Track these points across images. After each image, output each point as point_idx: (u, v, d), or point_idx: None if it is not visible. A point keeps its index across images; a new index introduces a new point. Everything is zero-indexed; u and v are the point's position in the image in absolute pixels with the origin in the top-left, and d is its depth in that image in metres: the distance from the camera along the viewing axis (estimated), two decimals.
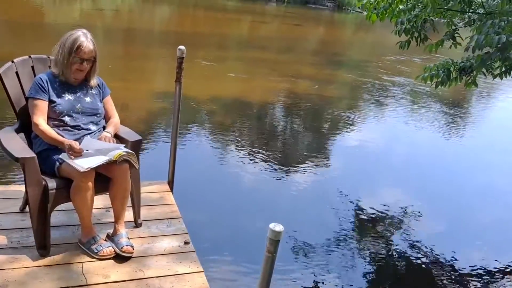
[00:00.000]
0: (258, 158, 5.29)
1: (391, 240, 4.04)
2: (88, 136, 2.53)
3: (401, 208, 4.68)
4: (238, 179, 4.72)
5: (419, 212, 4.65)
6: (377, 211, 4.49)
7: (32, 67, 2.70)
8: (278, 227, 1.57)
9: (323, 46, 16.63)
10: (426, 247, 3.99)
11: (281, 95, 8.48)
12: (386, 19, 4.28)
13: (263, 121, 6.97)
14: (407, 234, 4.16)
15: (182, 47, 3.01)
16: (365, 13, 4.30)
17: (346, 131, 6.85)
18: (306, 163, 5.41)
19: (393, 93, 9.79)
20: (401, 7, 4.05)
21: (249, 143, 5.79)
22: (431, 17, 4.12)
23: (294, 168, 5.23)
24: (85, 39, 2.49)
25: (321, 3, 34.93)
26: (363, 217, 4.38)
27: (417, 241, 4.06)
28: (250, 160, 5.22)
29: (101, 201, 2.84)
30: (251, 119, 6.95)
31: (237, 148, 5.52)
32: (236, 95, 7.94)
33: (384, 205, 4.63)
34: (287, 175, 5.00)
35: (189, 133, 5.68)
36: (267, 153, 5.52)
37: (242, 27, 18.20)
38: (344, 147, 6.30)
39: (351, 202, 4.62)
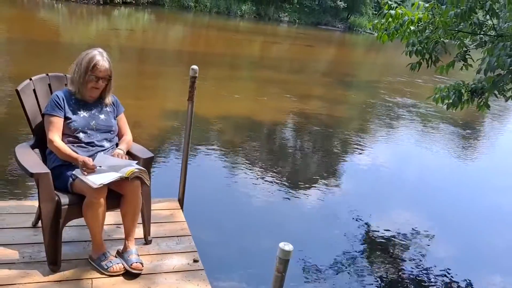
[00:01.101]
0: (268, 177, 5.29)
1: (402, 263, 3.98)
2: (102, 152, 2.57)
3: (413, 230, 4.62)
4: (247, 198, 4.71)
5: (431, 235, 4.58)
6: (388, 233, 4.44)
7: (49, 84, 2.76)
8: (287, 246, 1.57)
9: (334, 66, 16.74)
10: (439, 271, 3.92)
11: (291, 115, 8.52)
12: (397, 39, 4.31)
13: (273, 140, 6.99)
14: (418, 257, 4.10)
15: (195, 66, 3.06)
16: (375, 34, 4.33)
17: (357, 152, 6.84)
18: (316, 184, 5.39)
19: (405, 114, 9.78)
20: (412, 28, 4.08)
21: (258, 163, 5.80)
22: (442, 39, 4.14)
23: (304, 189, 5.22)
24: (101, 58, 2.55)
25: (332, 24, 35.30)
26: (373, 238, 4.33)
27: (429, 265, 4.00)
28: (260, 179, 5.22)
29: (112, 218, 2.86)
30: (261, 138, 6.97)
31: (247, 167, 5.53)
32: (247, 115, 7.99)
33: (395, 227, 4.58)
34: (296, 195, 4.99)
35: (199, 151, 5.72)
36: (277, 173, 5.53)
37: (254, 48, 18.42)
38: (354, 168, 6.27)
39: (361, 223, 4.58)
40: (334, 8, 35.41)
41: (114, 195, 2.47)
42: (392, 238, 4.36)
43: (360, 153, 6.79)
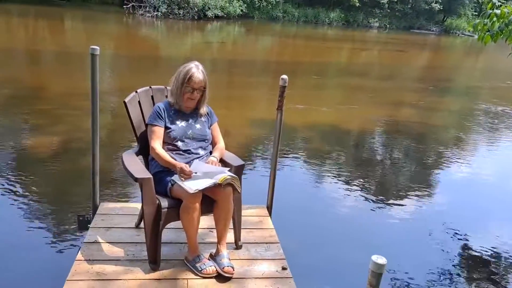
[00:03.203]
0: (356, 187, 5.17)
1: (507, 285, 3.63)
2: (197, 160, 2.73)
3: None
4: (335, 208, 4.65)
5: None
6: (490, 250, 4.09)
7: (152, 96, 3.01)
8: (381, 259, 1.53)
9: (428, 72, 15.88)
10: None
11: (381, 123, 8.24)
12: (501, 40, 3.98)
13: (361, 150, 6.82)
14: None
15: (284, 76, 3.11)
16: (476, 36, 4.04)
17: (453, 163, 6.40)
18: (407, 195, 5.15)
19: (508, 122, 8.94)
20: None
21: (346, 172, 5.70)
22: None
23: (394, 200, 5.01)
24: (196, 70, 2.72)
25: (426, 28, 33.58)
26: (472, 256, 4.01)
27: None
28: (348, 189, 5.12)
29: (205, 222, 3.01)
30: (349, 147, 6.84)
31: (334, 176, 5.46)
32: (334, 123, 7.90)
33: (498, 244, 4.20)
34: (386, 207, 4.80)
35: (286, 160, 5.77)
36: (366, 182, 5.38)
37: (342, 55, 18.18)
38: (450, 179, 5.88)
39: (458, 238, 4.27)
40: (429, 11, 33.67)
41: (208, 200, 2.60)
42: (494, 257, 4.00)
43: (457, 164, 6.35)
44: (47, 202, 4.14)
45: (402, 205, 4.89)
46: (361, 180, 5.43)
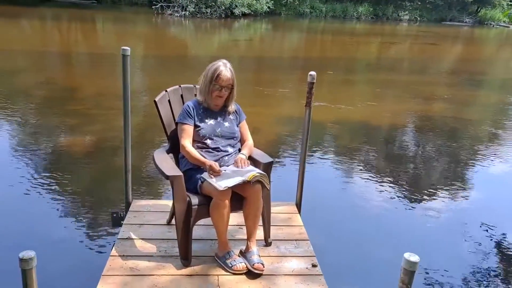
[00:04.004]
0: (387, 183, 5.09)
1: None
2: (226, 157, 2.75)
3: None
4: (365, 204, 4.59)
5: None
6: None
7: (181, 95, 3.05)
8: (413, 257, 1.50)
9: (461, 64, 15.41)
10: None
11: (412, 118, 8.06)
12: None
13: (391, 145, 6.70)
14: None
15: (313, 72, 3.10)
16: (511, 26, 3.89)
17: (488, 158, 6.20)
18: (440, 192, 5.02)
19: None
20: None
21: (376, 168, 5.61)
22: None
23: (427, 196, 4.90)
24: (224, 68, 2.74)
25: (459, 19, 32.58)
26: (509, 254, 3.88)
27: None
28: (378, 185, 5.05)
29: (235, 219, 3.03)
30: (379, 143, 6.73)
31: (364, 173, 5.39)
32: (363, 118, 7.79)
33: None
34: (418, 203, 4.70)
35: (315, 156, 5.74)
36: (397, 179, 5.28)
37: (371, 50, 17.88)
38: (486, 175, 5.69)
39: (494, 236, 4.14)
40: (461, 2, 32.64)
41: (238, 197, 2.62)
42: None
43: (492, 160, 6.14)
44: (82, 199, 4.27)
45: (435, 202, 4.77)
46: (392, 176, 5.34)
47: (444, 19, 32.32)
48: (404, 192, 4.90)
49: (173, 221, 2.81)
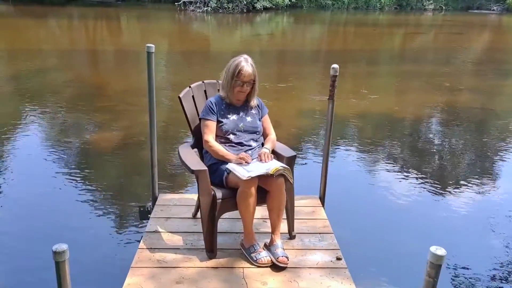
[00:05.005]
0: (411, 176, 5.03)
1: None
2: (249, 152, 2.79)
3: None
4: (389, 197, 4.55)
5: None
6: None
7: (205, 91, 3.10)
8: (440, 250, 1.50)
9: (489, 54, 14.97)
10: None
11: (437, 109, 7.91)
12: None
13: (416, 137, 6.59)
14: None
15: (335, 65, 3.09)
16: None
17: None
18: (467, 184, 4.93)
19: None
20: None
21: (401, 161, 5.55)
22: None
23: (452, 189, 4.82)
24: (246, 64, 2.76)
25: (486, 7, 31.58)
26: None
27: None
28: (402, 178, 4.99)
29: (259, 212, 3.05)
30: (403, 135, 6.64)
31: (388, 165, 5.34)
32: (387, 111, 7.69)
33: None
34: (444, 196, 4.64)
35: (338, 149, 5.71)
36: (421, 171, 5.21)
37: (394, 41, 17.57)
38: None
39: None
40: None
41: (261, 191, 2.65)
42: None
43: None
44: (110, 193, 4.40)
45: (461, 194, 4.69)
46: (417, 169, 5.27)
47: (470, 7, 31.39)
48: (429, 185, 4.84)
49: (199, 215, 2.86)
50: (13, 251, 3.39)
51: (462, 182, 5.02)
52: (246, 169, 2.57)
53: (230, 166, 2.65)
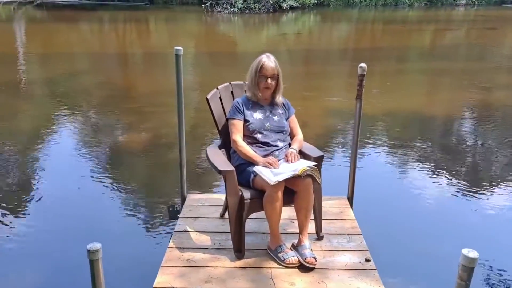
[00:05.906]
0: (443, 176, 4.91)
1: None
2: (276, 152, 2.79)
3: None
4: (419, 198, 4.45)
5: None
6: None
7: (232, 92, 3.12)
8: (472, 253, 1.46)
9: None
10: None
11: (470, 107, 7.69)
12: None
13: (448, 136, 6.43)
14: None
15: (363, 64, 3.05)
16: None
17: None
18: (501, 185, 4.77)
19: None
20: None
21: (431, 161, 5.42)
22: None
23: (486, 190, 4.67)
24: (267, 59, 2.81)
25: None
26: None
27: None
28: (433, 178, 4.88)
29: (286, 213, 3.06)
30: (434, 134, 6.48)
31: (418, 165, 5.22)
32: (417, 109, 7.52)
33: None
34: (477, 197, 4.50)
35: (366, 149, 5.63)
36: (452, 172, 5.07)
37: (424, 37, 17.17)
38: None
39: None
40: None
41: (289, 191, 2.65)
42: None
43: None
44: (140, 194, 4.48)
45: (495, 196, 4.54)
46: (449, 169, 5.14)
47: (504, 1, 30.32)
48: (461, 186, 4.71)
49: (226, 215, 2.89)
50: (48, 249, 3.51)
51: (495, 182, 4.86)
52: (273, 172, 2.58)
53: (257, 168, 2.66)
